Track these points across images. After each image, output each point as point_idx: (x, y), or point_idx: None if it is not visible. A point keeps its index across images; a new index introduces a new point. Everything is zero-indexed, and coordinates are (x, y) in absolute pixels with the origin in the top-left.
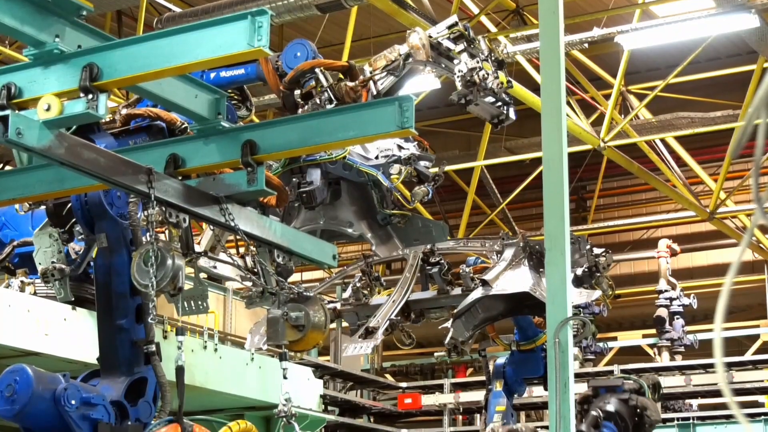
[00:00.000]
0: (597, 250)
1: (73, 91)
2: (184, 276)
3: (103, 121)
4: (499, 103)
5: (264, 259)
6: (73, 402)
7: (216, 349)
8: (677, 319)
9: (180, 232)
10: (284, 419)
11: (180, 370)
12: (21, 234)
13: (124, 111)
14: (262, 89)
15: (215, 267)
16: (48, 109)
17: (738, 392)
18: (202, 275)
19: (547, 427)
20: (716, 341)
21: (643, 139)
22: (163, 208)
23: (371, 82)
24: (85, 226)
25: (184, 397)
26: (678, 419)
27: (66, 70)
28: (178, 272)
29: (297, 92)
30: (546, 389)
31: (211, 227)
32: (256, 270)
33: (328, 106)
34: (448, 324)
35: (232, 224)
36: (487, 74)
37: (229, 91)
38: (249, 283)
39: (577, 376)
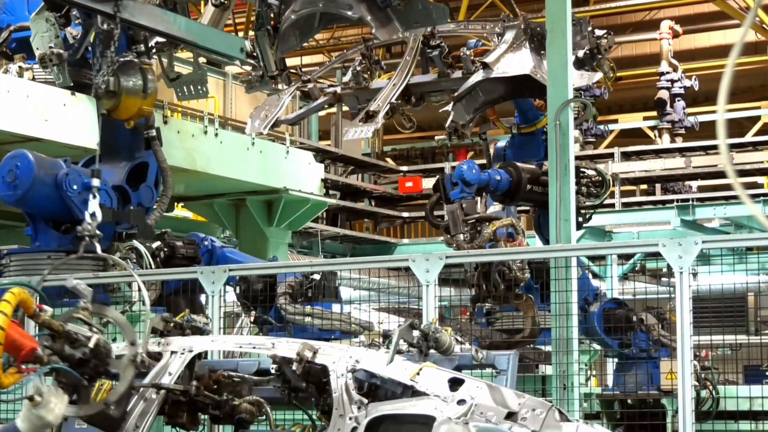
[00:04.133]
0: (598, 32)
1: None
2: None
3: None
4: None
5: (263, 43)
6: (74, 187)
7: (216, 134)
8: (678, 101)
9: None
10: (87, 238)
11: None
12: (17, 18)
13: None
14: None
15: None
16: None
17: (738, 174)
18: (201, 59)
19: None
20: (719, 122)
21: None
22: None
23: None
24: (81, 10)
25: None
26: (677, 200)
27: None
28: None
29: None
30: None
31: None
32: (255, 54)
33: None
34: (449, 107)
35: (124, 16)
36: None
37: None
38: (249, 67)
39: (578, 158)
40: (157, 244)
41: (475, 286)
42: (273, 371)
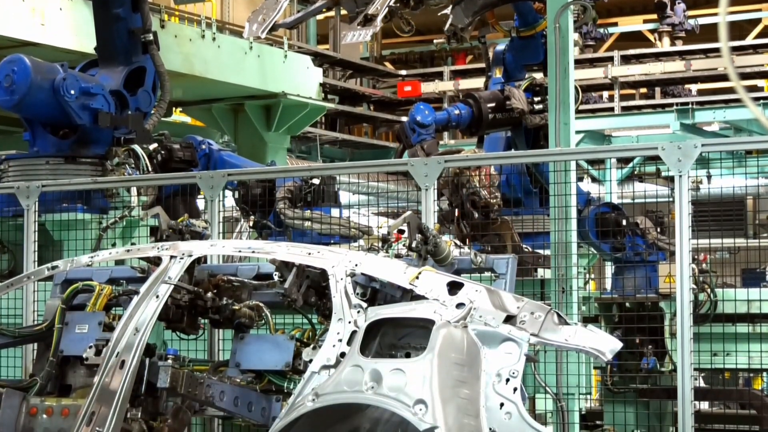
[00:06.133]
0: None
1: None
2: None
3: None
4: None
5: None
6: (72, 92)
7: (214, 38)
8: (678, 3)
9: None
10: None
11: None
12: None
13: None
14: None
15: None
16: None
17: (738, 77)
18: None
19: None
20: (720, 24)
21: None
22: None
23: None
24: None
25: None
26: (677, 104)
27: None
28: None
29: None
30: (546, 75)
31: None
32: None
33: None
34: (448, 10)
35: None
36: None
37: None
38: None
39: (577, 62)
40: (154, 146)
41: (452, 222)
42: (275, 277)
